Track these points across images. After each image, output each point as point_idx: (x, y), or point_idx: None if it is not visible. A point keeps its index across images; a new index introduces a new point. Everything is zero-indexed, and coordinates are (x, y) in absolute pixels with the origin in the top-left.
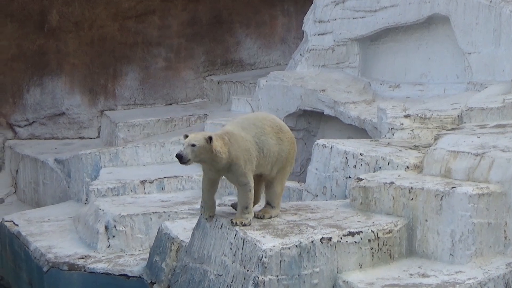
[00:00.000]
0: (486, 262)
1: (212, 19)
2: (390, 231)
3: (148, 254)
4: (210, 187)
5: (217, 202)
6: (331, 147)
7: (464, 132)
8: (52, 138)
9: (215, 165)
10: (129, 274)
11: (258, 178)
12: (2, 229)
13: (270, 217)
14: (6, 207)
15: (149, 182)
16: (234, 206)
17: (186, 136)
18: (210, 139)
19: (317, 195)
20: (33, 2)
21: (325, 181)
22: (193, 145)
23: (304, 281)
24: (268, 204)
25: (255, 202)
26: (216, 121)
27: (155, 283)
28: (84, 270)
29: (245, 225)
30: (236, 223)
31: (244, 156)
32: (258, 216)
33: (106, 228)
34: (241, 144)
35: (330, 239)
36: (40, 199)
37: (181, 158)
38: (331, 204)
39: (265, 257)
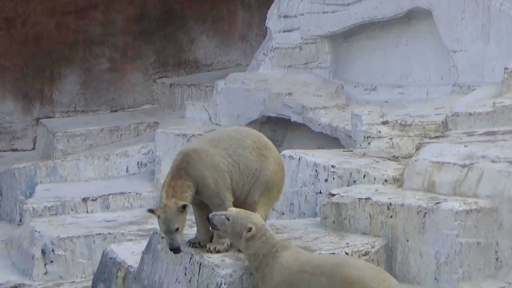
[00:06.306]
0: (475, 287)
1: (162, 14)
2: (366, 253)
3: (91, 282)
4: (197, 210)
5: None
6: (299, 159)
7: (449, 141)
8: None
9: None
10: None
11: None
12: None
13: None
14: None
15: (92, 200)
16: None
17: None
18: (183, 207)
19: (283, 213)
20: None
21: (293, 197)
22: (177, 229)
23: None
24: None
25: None
26: (168, 130)
27: None
28: None
29: (219, 251)
30: (209, 248)
31: (211, 174)
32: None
33: (43, 252)
34: (205, 161)
35: None
36: None
37: (177, 250)
38: (299, 223)
39: (225, 284)
